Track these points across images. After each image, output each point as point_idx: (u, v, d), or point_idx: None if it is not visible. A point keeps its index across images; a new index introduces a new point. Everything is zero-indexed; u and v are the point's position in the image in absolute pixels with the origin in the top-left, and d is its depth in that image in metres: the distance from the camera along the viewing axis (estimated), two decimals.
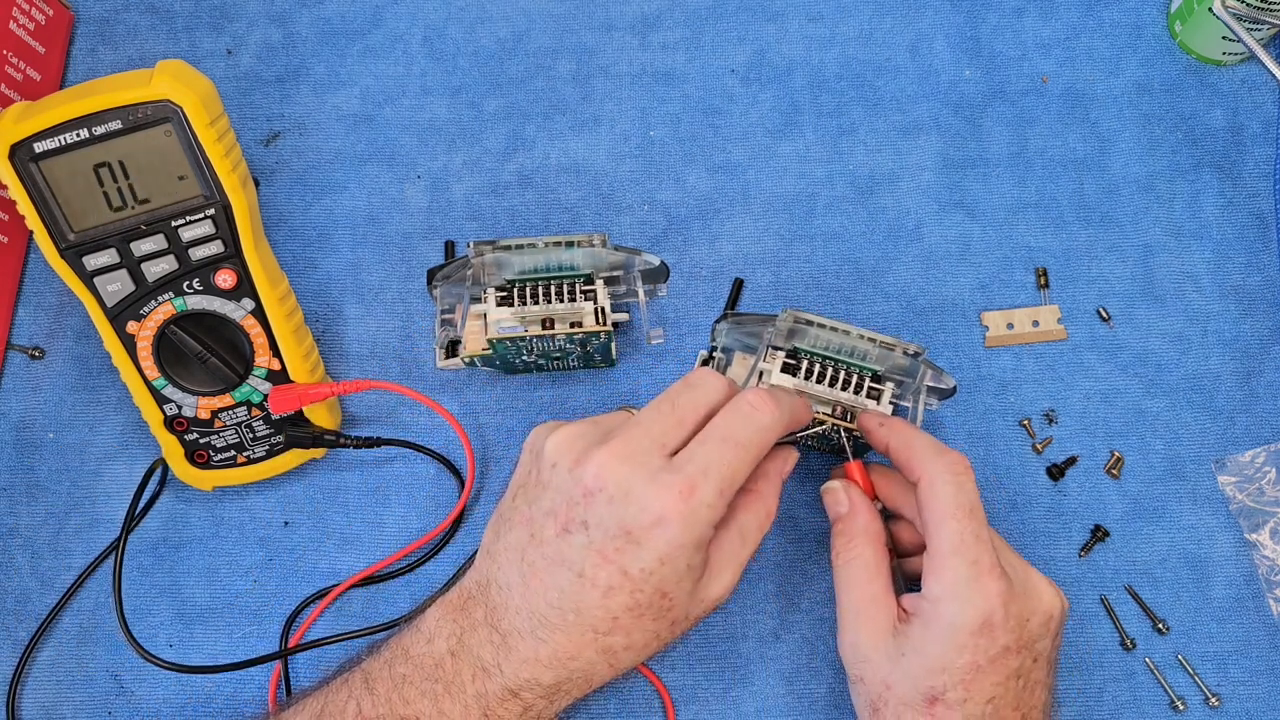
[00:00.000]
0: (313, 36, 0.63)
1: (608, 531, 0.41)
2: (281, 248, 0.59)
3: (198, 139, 0.50)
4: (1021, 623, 0.44)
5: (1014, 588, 0.44)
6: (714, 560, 0.44)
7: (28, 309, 0.59)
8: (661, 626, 0.44)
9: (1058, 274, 0.59)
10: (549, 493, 0.43)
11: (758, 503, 0.46)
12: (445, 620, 0.45)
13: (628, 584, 0.42)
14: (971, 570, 0.44)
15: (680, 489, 0.41)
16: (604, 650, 0.43)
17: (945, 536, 0.45)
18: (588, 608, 0.42)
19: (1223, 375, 0.58)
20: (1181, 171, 0.61)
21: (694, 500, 0.41)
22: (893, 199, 0.60)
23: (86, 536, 0.56)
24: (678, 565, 0.42)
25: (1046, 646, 0.46)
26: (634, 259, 0.53)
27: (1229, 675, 0.54)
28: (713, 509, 0.42)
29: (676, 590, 0.43)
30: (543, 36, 0.63)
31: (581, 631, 0.43)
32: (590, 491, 0.42)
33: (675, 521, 0.41)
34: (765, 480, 0.47)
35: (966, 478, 0.46)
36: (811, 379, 0.51)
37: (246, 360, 0.54)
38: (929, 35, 0.63)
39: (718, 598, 0.45)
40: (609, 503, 0.41)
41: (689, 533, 0.41)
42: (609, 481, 0.42)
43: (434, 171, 0.61)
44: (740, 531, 0.45)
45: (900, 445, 0.48)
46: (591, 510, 0.42)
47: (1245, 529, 0.56)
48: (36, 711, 0.54)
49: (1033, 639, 0.45)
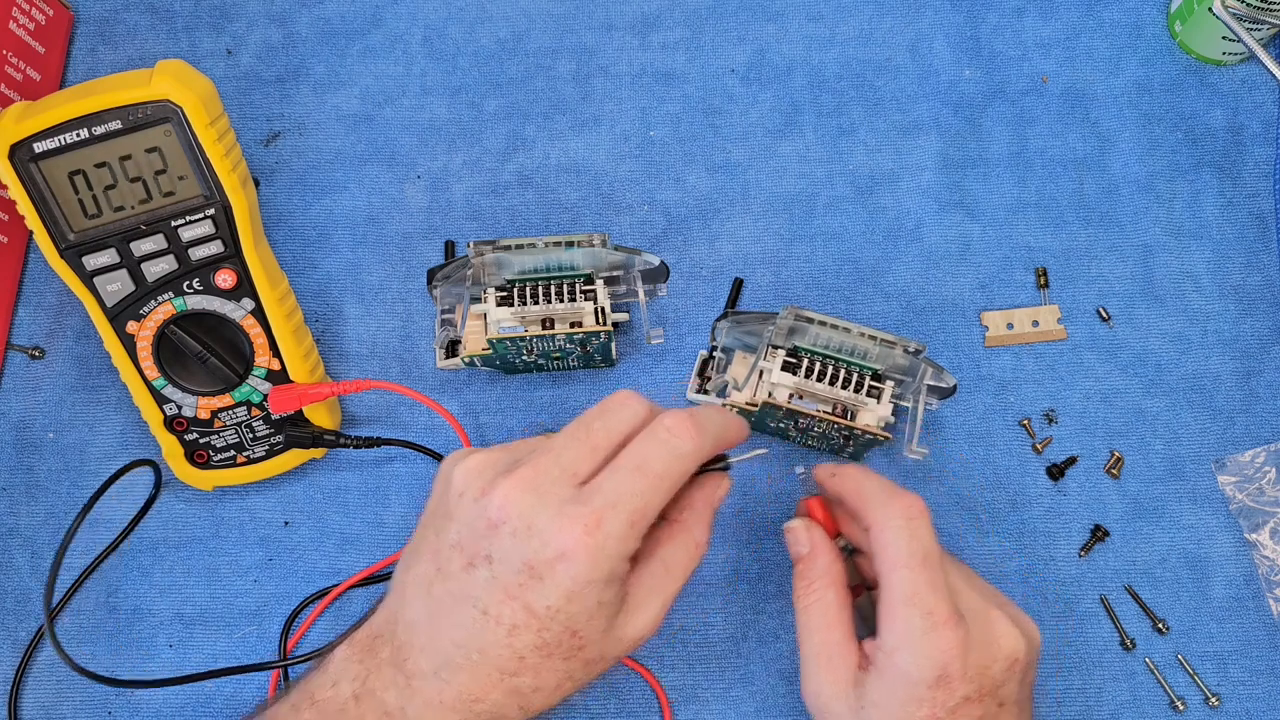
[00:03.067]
0: (313, 36, 0.63)
1: (511, 566, 0.39)
2: (281, 248, 0.59)
3: (198, 139, 0.50)
4: (981, 671, 0.43)
5: (971, 636, 0.43)
6: (633, 595, 0.42)
7: (28, 309, 0.59)
8: (574, 667, 0.41)
9: (1057, 274, 0.59)
10: (455, 524, 0.41)
11: (683, 534, 0.44)
12: (351, 661, 0.42)
13: (534, 622, 0.39)
14: (925, 621, 0.42)
15: (586, 522, 0.39)
16: (511, 692, 0.41)
17: (897, 586, 0.43)
18: (492, 647, 0.40)
19: (1222, 375, 0.58)
20: (1181, 171, 0.61)
21: (600, 534, 0.39)
22: (893, 199, 0.60)
23: (86, 536, 0.56)
24: (586, 602, 0.39)
25: (1013, 690, 0.44)
26: (634, 259, 0.53)
27: (1229, 675, 0.54)
28: (622, 542, 0.40)
29: (588, 628, 0.40)
30: (543, 36, 0.63)
31: (487, 673, 0.40)
32: (495, 524, 0.40)
33: (580, 557, 0.39)
34: (691, 511, 0.44)
35: (920, 522, 0.44)
36: (811, 377, 0.51)
37: (246, 360, 0.54)
38: (929, 35, 0.63)
39: (639, 635, 0.42)
40: (513, 536, 0.39)
41: (596, 569, 0.39)
42: (513, 513, 0.39)
43: (434, 171, 0.61)
44: (664, 565, 0.43)
45: (852, 493, 0.46)
46: (496, 544, 0.40)
47: (1245, 529, 0.56)
48: (36, 711, 0.54)
49: (995, 685, 0.43)
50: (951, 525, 0.56)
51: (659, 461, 0.41)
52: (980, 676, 0.43)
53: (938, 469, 0.57)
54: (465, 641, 0.40)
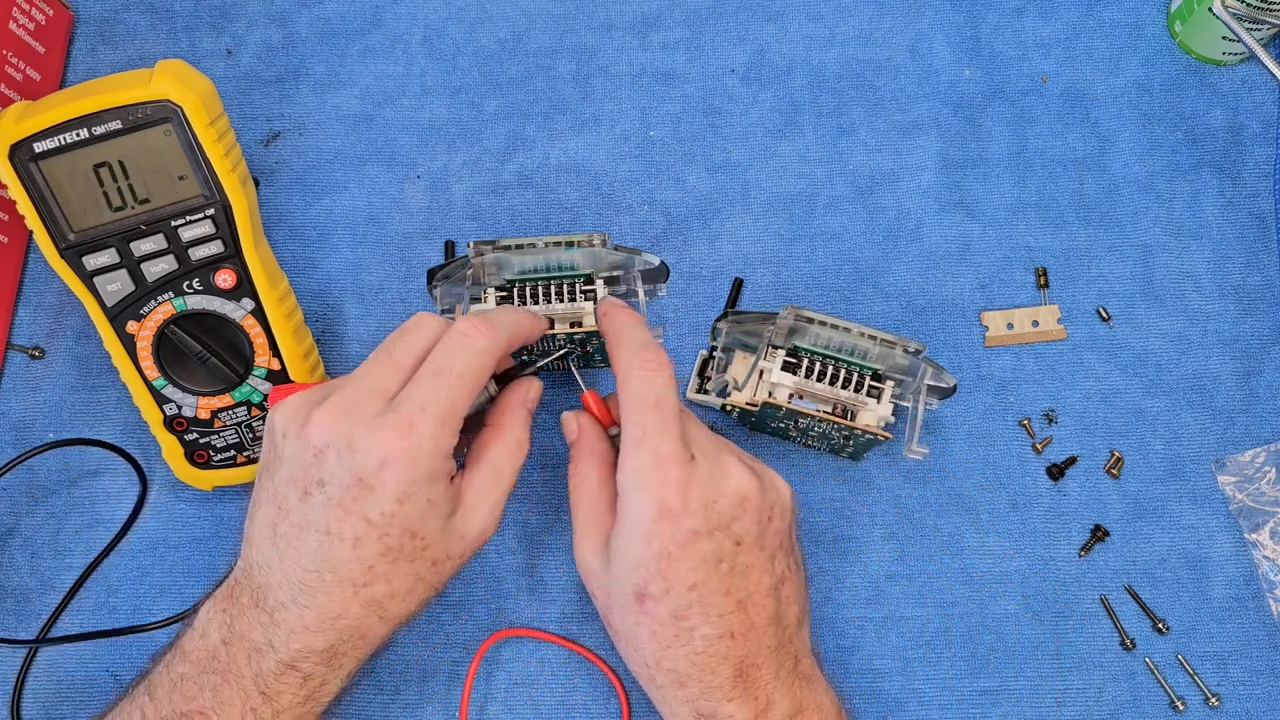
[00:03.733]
0: (312, 36, 0.63)
1: (342, 484, 0.42)
2: (281, 248, 0.59)
3: (197, 139, 0.50)
4: (707, 505, 0.44)
5: (698, 472, 0.44)
6: (467, 496, 0.45)
7: (28, 309, 0.59)
8: (422, 568, 0.44)
9: (1057, 274, 0.59)
10: (284, 463, 0.44)
11: (504, 435, 0.47)
12: (215, 612, 0.45)
13: (373, 531, 0.42)
14: (651, 459, 0.44)
15: (399, 428, 0.42)
16: (369, 603, 0.44)
17: (630, 429, 0.45)
18: (341, 563, 0.43)
19: (1222, 375, 0.58)
20: (1181, 171, 0.61)
21: (415, 436, 0.42)
22: (893, 199, 0.60)
23: (86, 537, 0.56)
24: (417, 502, 0.43)
25: (749, 528, 0.45)
26: (634, 259, 0.53)
27: (1229, 675, 0.54)
28: (435, 439, 0.43)
29: (425, 527, 0.43)
30: (543, 36, 0.63)
31: (341, 588, 0.43)
32: (319, 451, 0.43)
33: (400, 459, 0.42)
34: (508, 413, 0.48)
35: (659, 374, 0.45)
36: (812, 377, 0.51)
37: (246, 360, 0.54)
38: (929, 35, 0.63)
39: (479, 532, 0.46)
40: (337, 457, 0.42)
41: (417, 467, 0.42)
42: (334, 437, 0.42)
43: (434, 171, 0.61)
44: (492, 467, 0.46)
45: (613, 340, 0.48)
46: (324, 468, 0.42)
47: (1245, 529, 0.56)
48: (37, 711, 0.54)
49: (725, 521, 0.44)
50: (951, 525, 0.56)
51: (458, 361, 0.44)
52: (705, 511, 0.44)
53: (938, 469, 0.57)
54: (316, 564, 0.43)
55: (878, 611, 0.55)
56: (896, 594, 0.55)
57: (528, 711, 0.53)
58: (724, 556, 0.44)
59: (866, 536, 0.56)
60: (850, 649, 0.54)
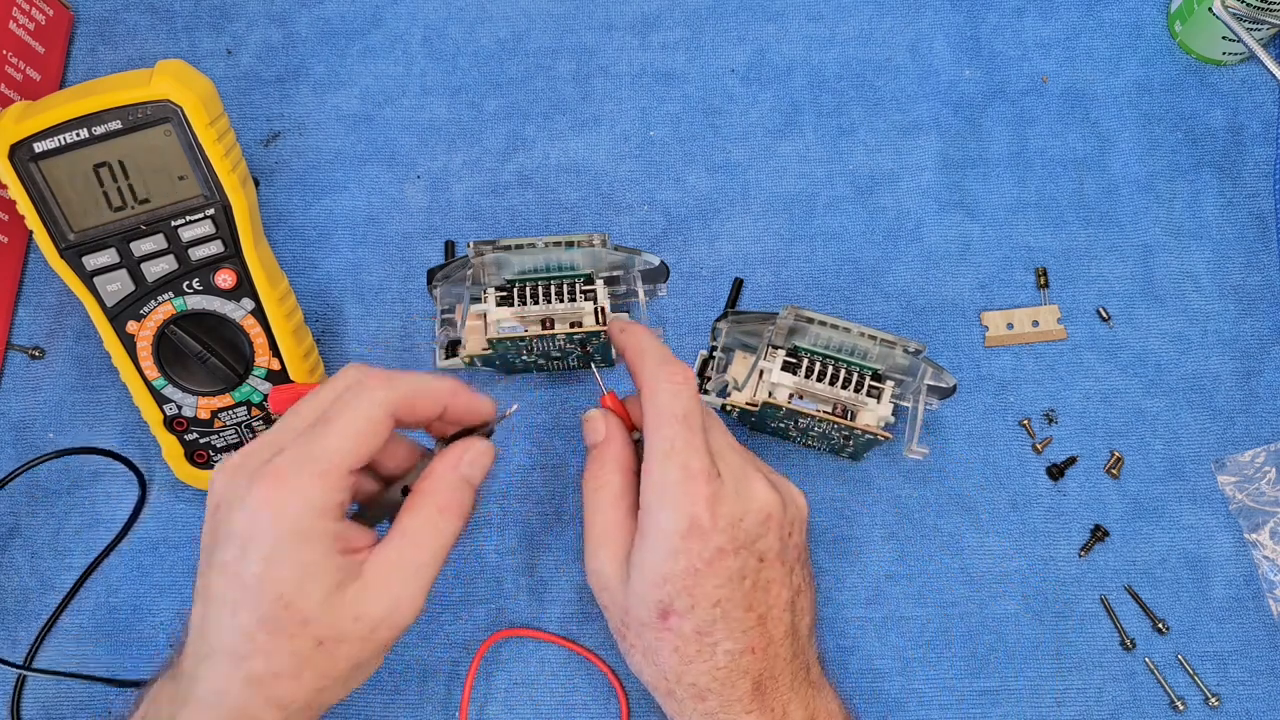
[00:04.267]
0: (312, 36, 0.63)
1: (231, 545, 0.39)
2: (281, 248, 0.59)
3: (197, 139, 0.50)
4: (734, 523, 0.44)
5: (725, 489, 0.44)
6: (370, 570, 0.40)
7: (28, 309, 0.59)
8: (303, 646, 0.39)
9: (1057, 274, 0.59)
10: (207, 520, 0.41)
11: (424, 503, 0.42)
12: (155, 682, 0.43)
13: (246, 595, 0.38)
14: (680, 474, 0.43)
15: (271, 480, 0.39)
16: (250, 681, 0.39)
17: (657, 443, 0.44)
18: (225, 632, 0.39)
19: (1222, 375, 0.58)
20: (1181, 171, 0.61)
21: (284, 489, 0.38)
22: (893, 199, 0.60)
23: (86, 537, 0.56)
24: (288, 564, 0.38)
25: (772, 545, 0.45)
26: (634, 259, 0.53)
27: (1229, 675, 0.54)
28: (304, 494, 0.39)
29: (299, 596, 0.38)
30: (543, 36, 0.63)
31: (223, 659, 0.39)
32: (215, 508, 0.40)
33: (265, 513, 0.38)
34: (434, 477, 0.43)
35: (685, 388, 0.45)
36: (812, 377, 0.51)
37: (246, 360, 0.54)
38: (929, 35, 0.63)
39: (384, 614, 0.40)
40: (226, 512, 0.39)
41: (282, 522, 0.38)
42: (225, 493, 0.40)
43: (434, 171, 0.61)
44: (405, 538, 0.41)
45: (633, 354, 0.47)
46: (219, 526, 0.40)
47: (1245, 529, 0.56)
48: (37, 711, 0.54)
49: (751, 539, 0.44)
50: (951, 525, 0.56)
51: (344, 411, 0.40)
52: (732, 528, 0.43)
53: (938, 469, 0.57)
54: (209, 633, 0.39)
55: (878, 611, 0.55)
56: (896, 594, 0.55)
57: (528, 711, 0.53)
58: (748, 573, 0.44)
59: (866, 536, 0.56)
60: (850, 649, 0.54)
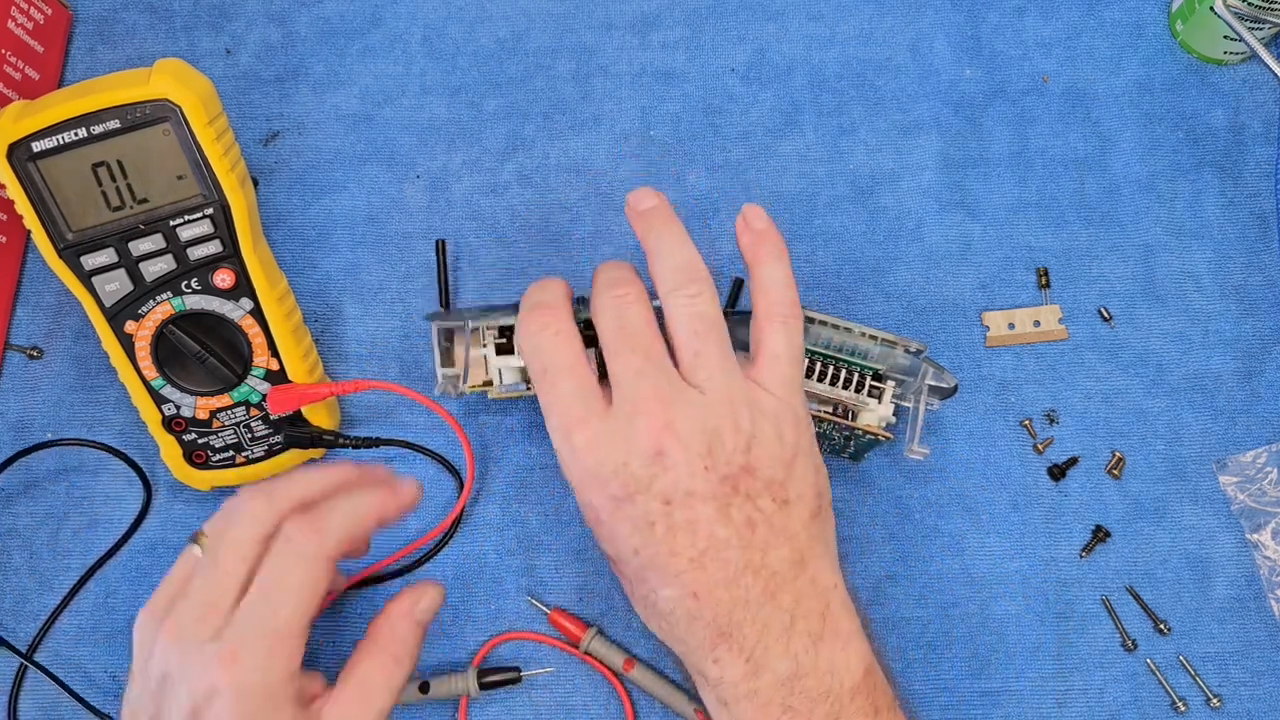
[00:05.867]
0: (312, 36, 0.62)
1: (181, 713, 0.40)
2: (280, 247, 0.59)
3: (196, 138, 0.50)
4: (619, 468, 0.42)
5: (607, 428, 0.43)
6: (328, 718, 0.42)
7: (26, 309, 0.59)
8: None
9: (1059, 274, 0.59)
10: (135, 687, 0.42)
11: (377, 651, 0.44)
12: None
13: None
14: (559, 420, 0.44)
15: (222, 658, 0.40)
16: None
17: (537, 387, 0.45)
18: None
19: (1224, 375, 0.58)
20: (1182, 171, 0.61)
21: (240, 666, 0.40)
22: (893, 198, 0.60)
23: (85, 537, 0.55)
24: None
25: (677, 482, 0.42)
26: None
27: (1230, 676, 0.54)
28: (265, 672, 0.40)
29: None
30: (542, 36, 0.63)
31: None
32: (159, 679, 0.41)
33: (227, 692, 0.40)
34: (389, 624, 0.44)
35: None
36: (812, 377, 0.51)
37: (245, 360, 0.53)
38: (929, 34, 0.63)
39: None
40: (171, 688, 0.41)
41: (246, 699, 0.40)
42: (169, 668, 0.41)
43: (433, 171, 0.61)
44: (361, 686, 0.43)
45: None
46: (164, 697, 0.41)
47: (1247, 529, 0.56)
48: (36, 712, 0.53)
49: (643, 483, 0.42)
50: (952, 525, 0.56)
51: (287, 574, 0.41)
52: (618, 475, 0.42)
53: (939, 469, 0.57)
54: None
55: (878, 612, 0.55)
56: (897, 595, 0.55)
57: (527, 713, 0.53)
58: (655, 518, 0.42)
59: (867, 537, 0.56)
60: None
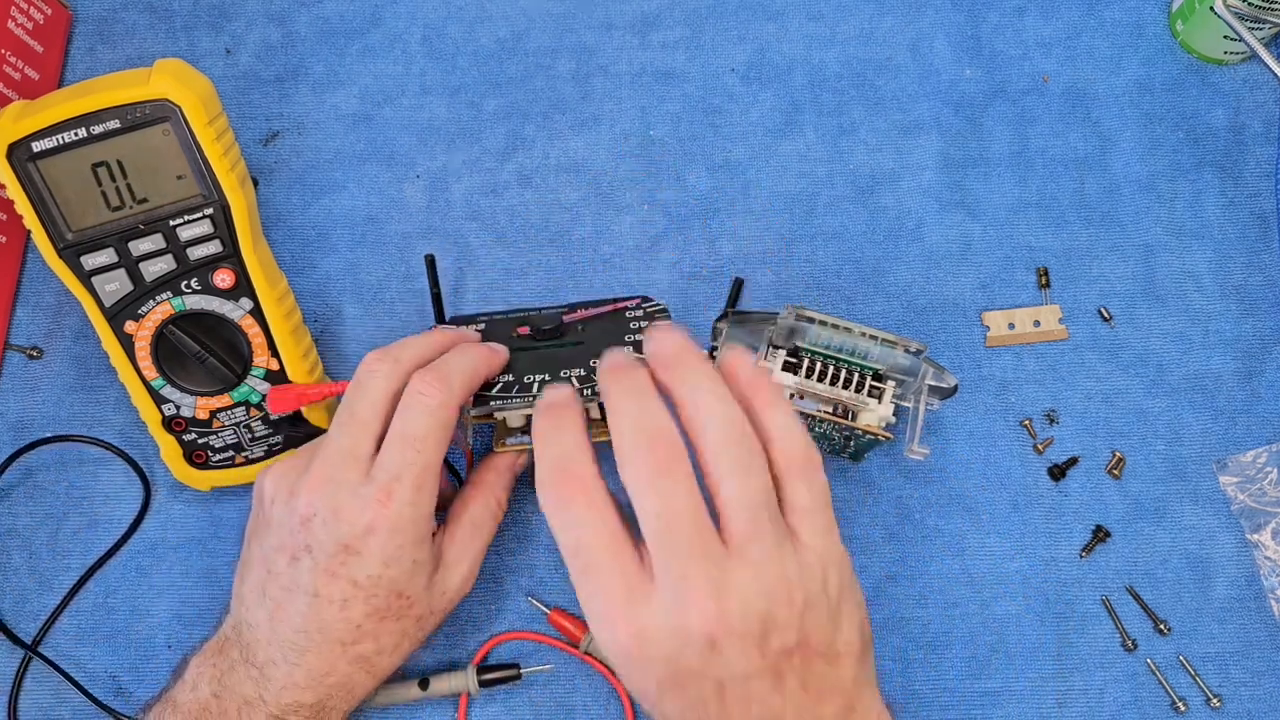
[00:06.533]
0: (311, 36, 0.62)
1: (328, 550, 0.44)
2: (280, 247, 0.59)
3: (196, 138, 0.50)
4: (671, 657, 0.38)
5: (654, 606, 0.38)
6: (447, 553, 0.48)
7: (26, 309, 0.59)
8: (407, 625, 0.47)
9: (1059, 274, 0.59)
10: (274, 529, 0.46)
11: (485, 494, 0.50)
12: (205, 666, 0.47)
13: (360, 593, 0.45)
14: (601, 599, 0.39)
15: (378, 498, 0.44)
16: (356, 660, 0.46)
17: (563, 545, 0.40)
18: (329, 623, 0.45)
19: (1224, 375, 0.58)
20: (1183, 171, 0.61)
21: (393, 505, 0.44)
22: (893, 198, 0.60)
23: (85, 537, 0.55)
24: (403, 565, 0.45)
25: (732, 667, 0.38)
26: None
27: (1230, 676, 0.54)
28: (415, 506, 0.45)
29: (410, 587, 0.46)
30: (542, 36, 0.63)
31: (330, 647, 0.45)
32: (306, 519, 0.45)
33: (382, 528, 0.44)
34: (494, 472, 0.51)
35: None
36: (813, 377, 0.51)
37: (245, 360, 0.53)
38: (930, 34, 0.63)
39: (459, 587, 0.48)
40: (323, 525, 0.44)
41: (399, 534, 0.45)
42: (319, 506, 0.45)
43: (433, 171, 0.61)
44: (472, 524, 0.49)
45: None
46: (311, 535, 0.45)
47: (1247, 529, 0.56)
48: (36, 712, 0.53)
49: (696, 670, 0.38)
50: (952, 525, 0.56)
51: (420, 424, 0.45)
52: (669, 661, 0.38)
53: (939, 469, 0.57)
54: (305, 625, 0.45)
55: (879, 612, 0.55)
56: (897, 595, 0.55)
57: (527, 713, 0.53)
58: (708, 699, 0.38)
59: (867, 537, 0.56)
60: None
